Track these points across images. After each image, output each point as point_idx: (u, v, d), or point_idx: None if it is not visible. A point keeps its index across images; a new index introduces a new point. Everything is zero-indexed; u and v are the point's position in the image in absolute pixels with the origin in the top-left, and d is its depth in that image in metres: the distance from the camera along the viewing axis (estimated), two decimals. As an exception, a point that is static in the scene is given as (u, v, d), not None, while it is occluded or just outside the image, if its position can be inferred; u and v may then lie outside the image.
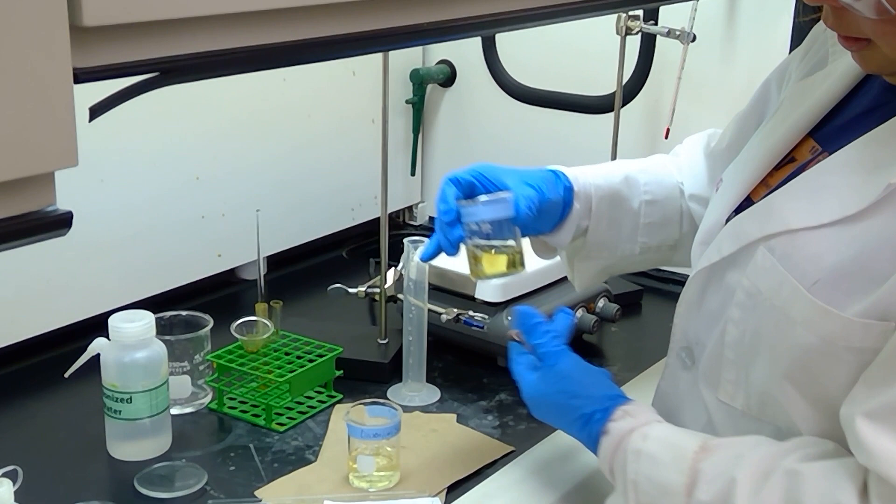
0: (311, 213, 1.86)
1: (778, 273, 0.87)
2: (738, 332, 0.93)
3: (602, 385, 1.05)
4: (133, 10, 0.58)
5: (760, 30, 1.64)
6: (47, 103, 0.55)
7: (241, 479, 1.19)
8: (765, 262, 0.89)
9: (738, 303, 0.92)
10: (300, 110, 1.79)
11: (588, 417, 1.01)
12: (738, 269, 0.93)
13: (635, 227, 1.19)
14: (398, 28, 0.75)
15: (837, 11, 0.83)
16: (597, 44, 1.75)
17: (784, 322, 0.87)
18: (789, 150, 0.96)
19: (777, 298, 0.87)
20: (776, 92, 1.11)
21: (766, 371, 0.90)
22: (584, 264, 1.20)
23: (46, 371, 1.38)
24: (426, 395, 1.39)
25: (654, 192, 1.19)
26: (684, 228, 1.21)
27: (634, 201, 1.18)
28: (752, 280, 0.90)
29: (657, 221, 1.19)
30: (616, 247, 1.19)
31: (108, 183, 1.50)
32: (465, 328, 1.45)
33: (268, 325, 1.37)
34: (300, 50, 0.70)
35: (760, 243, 0.90)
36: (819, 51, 1.03)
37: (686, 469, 0.90)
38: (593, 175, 1.17)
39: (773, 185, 0.96)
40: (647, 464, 0.94)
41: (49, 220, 0.58)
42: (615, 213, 1.17)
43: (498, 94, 1.92)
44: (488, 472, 1.21)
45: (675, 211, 1.21)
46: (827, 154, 0.92)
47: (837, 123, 0.94)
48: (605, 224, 1.17)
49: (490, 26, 0.84)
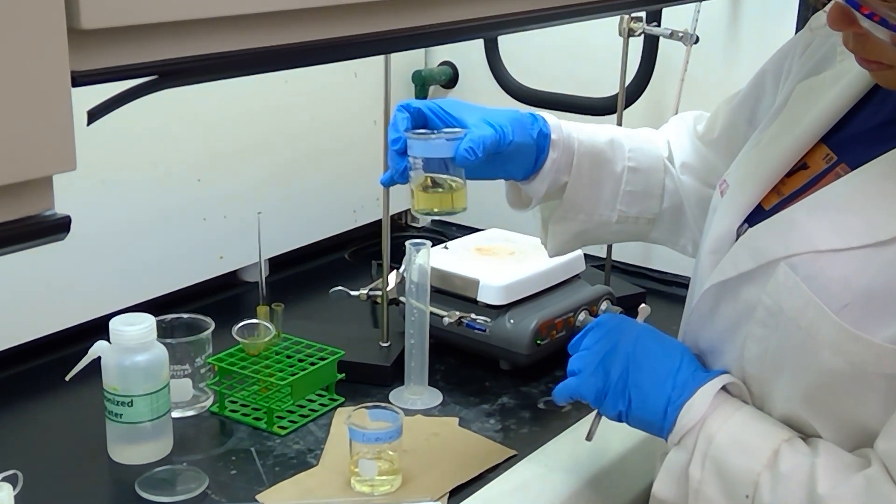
0: (313, 215, 1.85)
1: (802, 293, 0.85)
2: (759, 349, 0.91)
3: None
4: (131, 12, 0.57)
5: (763, 31, 1.64)
6: (45, 107, 0.55)
7: (243, 482, 1.18)
8: (787, 280, 0.87)
9: (759, 320, 0.90)
10: (302, 112, 1.79)
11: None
12: (757, 286, 0.91)
13: (615, 193, 1.16)
14: (400, 30, 0.75)
15: (860, 38, 0.82)
16: (599, 45, 1.74)
17: (809, 343, 0.85)
18: (801, 157, 0.94)
19: (802, 319, 0.85)
20: (772, 85, 1.08)
21: (789, 390, 0.88)
22: (558, 227, 1.17)
23: (47, 374, 1.38)
24: (428, 398, 1.38)
25: (639, 160, 1.17)
26: (665, 204, 1.19)
27: (618, 165, 1.16)
28: (774, 298, 0.88)
29: (639, 191, 1.17)
30: (594, 210, 1.16)
31: (110, 185, 1.50)
32: (467, 331, 1.44)
33: (269, 328, 1.37)
34: (300, 53, 0.69)
35: (781, 260, 0.88)
36: (822, 46, 1.00)
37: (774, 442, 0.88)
38: (577, 130, 1.14)
39: (786, 193, 0.94)
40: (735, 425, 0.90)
41: (47, 224, 0.58)
42: (596, 173, 1.14)
43: (500, 96, 1.92)
44: (491, 477, 1.20)
45: (658, 184, 1.18)
46: (844, 164, 0.90)
47: (852, 132, 0.92)
48: (586, 183, 1.14)
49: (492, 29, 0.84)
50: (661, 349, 0.99)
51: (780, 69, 1.08)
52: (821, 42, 1.01)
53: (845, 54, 0.95)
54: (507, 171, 1.11)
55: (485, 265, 1.50)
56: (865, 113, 0.92)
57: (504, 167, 1.09)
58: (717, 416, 0.92)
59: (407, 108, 1.06)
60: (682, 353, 0.98)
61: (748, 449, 0.89)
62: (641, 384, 0.97)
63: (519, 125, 1.07)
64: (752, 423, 0.90)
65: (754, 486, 0.87)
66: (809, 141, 0.94)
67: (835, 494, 0.82)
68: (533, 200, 1.13)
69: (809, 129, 0.94)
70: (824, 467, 0.84)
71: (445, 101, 1.08)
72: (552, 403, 1.38)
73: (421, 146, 1.04)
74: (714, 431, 0.91)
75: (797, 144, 0.94)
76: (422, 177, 1.05)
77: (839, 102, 0.93)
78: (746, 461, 0.88)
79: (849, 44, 0.84)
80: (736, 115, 1.14)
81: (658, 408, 0.95)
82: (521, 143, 1.07)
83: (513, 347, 1.42)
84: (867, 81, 0.92)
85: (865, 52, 0.83)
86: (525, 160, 1.10)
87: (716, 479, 0.90)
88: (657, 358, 0.98)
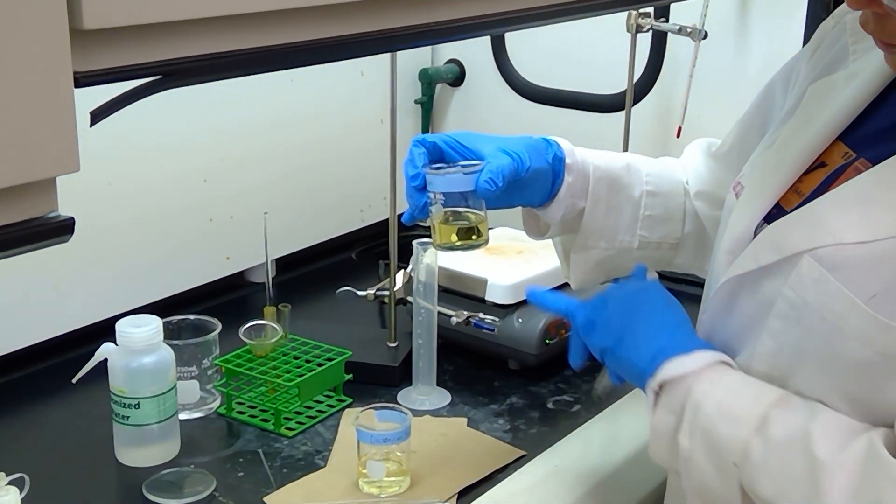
0: (320, 215, 1.85)
1: (830, 285, 0.84)
2: (775, 344, 0.89)
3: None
4: (134, 12, 0.57)
5: (773, 27, 1.63)
6: (48, 108, 0.54)
7: (250, 484, 1.18)
8: (812, 272, 0.85)
9: (780, 314, 0.88)
10: (308, 111, 1.78)
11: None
12: (779, 279, 0.88)
13: (635, 218, 1.15)
14: (405, 28, 0.75)
15: (880, 18, 0.81)
16: (607, 42, 1.73)
17: (835, 336, 0.83)
18: (818, 155, 0.93)
19: (828, 312, 0.84)
20: (781, 94, 1.08)
21: (810, 384, 0.87)
22: (579, 256, 1.16)
23: (54, 376, 1.38)
24: (436, 398, 1.37)
25: (657, 183, 1.17)
26: (686, 228, 1.18)
27: (636, 189, 1.15)
28: (798, 291, 0.86)
29: (659, 215, 1.16)
30: (614, 237, 1.15)
31: (116, 186, 1.50)
32: (475, 331, 1.44)
33: (276, 329, 1.37)
34: (305, 52, 0.69)
35: (805, 253, 0.86)
36: (831, 48, 1.00)
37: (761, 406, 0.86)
38: (593, 155, 1.14)
39: (805, 192, 0.92)
40: (721, 391, 0.89)
41: (51, 226, 0.58)
42: (614, 198, 1.14)
43: (507, 94, 1.91)
44: (499, 477, 1.19)
45: (678, 207, 1.18)
46: (864, 160, 0.88)
47: (871, 129, 0.91)
48: (603, 208, 1.13)
49: (499, 25, 0.83)
50: (666, 303, 0.99)
51: (788, 77, 1.07)
52: (830, 44, 1.01)
53: (858, 54, 0.94)
54: (524, 198, 1.11)
55: (493, 264, 1.49)
56: (884, 111, 0.91)
57: (521, 194, 1.09)
58: (703, 381, 0.90)
59: (423, 143, 1.06)
60: (685, 317, 0.98)
61: (735, 415, 0.87)
62: (635, 326, 0.97)
63: (534, 151, 1.08)
64: (740, 388, 0.89)
65: (743, 454, 0.86)
66: (827, 138, 0.92)
67: (837, 460, 0.81)
68: (551, 227, 1.14)
69: (826, 126, 0.93)
70: (823, 432, 0.82)
71: (460, 134, 1.08)
72: (561, 403, 1.38)
73: (442, 181, 1.03)
74: (700, 399, 0.89)
75: (814, 142, 0.93)
76: (442, 211, 1.05)
77: (855, 100, 0.92)
78: (733, 428, 0.87)
79: (868, 25, 0.83)
80: (747, 126, 1.14)
81: (646, 353, 0.94)
82: (537, 169, 1.07)
83: (521, 347, 1.42)
84: (883, 79, 0.91)
85: (885, 34, 0.82)
86: (542, 186, 1.10)
87: (704, 448, 0.89)
88: (659, 308, 0.98)
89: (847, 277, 0.83)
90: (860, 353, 0.82)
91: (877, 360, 0.81)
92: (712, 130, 1.28)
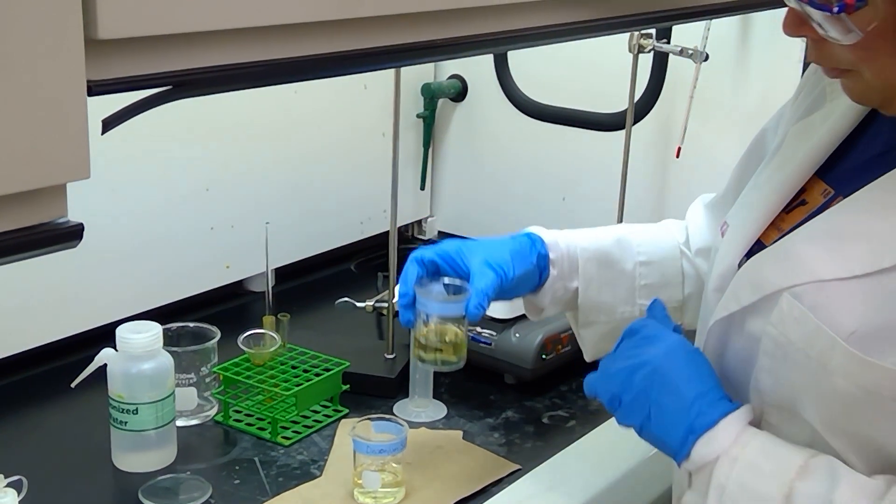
0: (321, 226, 1.86)
1: (810, 323, 0.84)
2: (771, 380, 0.90)
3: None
4: (148, 23, 0.58)
5: (773, 50, 1.64)
6: (61, 116, 0.55)
7: (246, 492, 1.18)
8: (792, 310, 0.86)
9: (767, 351, 0.89)
10: (311, 123, 1.79)
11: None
12: (761, 317, 0.89)
13: (632, 289, 1.17)
14: (410, 44, 0.75)
15: (817, 44, 0.83)
16: (609, 61, 1.74)
17: (820, 373, 0.84)
18: (798, 192, 0.94)
19: (811, 349, 0.84)
20: (772, 139, 1.09)
21: (809, 417, 0.87)
22: (586, 331, 1.20)
23: (53, 381, 1.38)
24: (432, 411, 1.38)
25: (649, 252, 1.18)
26: (687, 290, 1.19)
27: (628, 263, 1.17)
28: (780, 329, 0.87)
29: (655, 283, 1.18)
30: (613, 310, 1.17)
31: (119, 193, 1.51)
32: (472, 344, 1.43)
33: (275, 338, 1.37)
34: (312, 65, 0.70)
35: (784, 291, 0.87)
36: (812, 92, 1.02)
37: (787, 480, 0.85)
38: (581, 238, 1.17)
39: (785, 228, 0.93)
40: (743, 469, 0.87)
41: (60, 231, 0.58)
42: (607, 273, 1.16)
43: (509, 110, 1.92)
44: (494, 491, 1.20)
45: (675, 272, 1.19)
46: (841, 197, 0.89)
47: (849, 166, 0.92)
48: (596, 286, 1.16)
49: (502, 44, 0.84)
50: (691, 369, 0.94)
51: (778, 123, 1.09)
52: (811, 87, 1.02)
53: (835, 94, 0.95)
54: (514, 294, 1.16)
55: (491, 279, 1.49)
56: (860, 146, 0.92)
57: (510, 293, 1.14)
58: (723, 465, 0.88)
59: (421, 261, 1.12)
60: (710, 375, 0.94)
61: (760, 495, 0.86)
62: (664, 404, 0.93)
63: (519, 257, 1.12)
64: (762, 461, 0.87)
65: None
66: (805, 174, 0.94)
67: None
68: (544, 310, 1.18)
69: (803, 164, 0.94)
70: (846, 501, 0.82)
71: (451, 247, 1.14)
72: (556, 418, 1.39)
73: (436, 306, 1.11)
74: (724, 481, 0.88)
75: (793, 178, 0.94)
76: (425, 330, 1.12)
77: (831, 136, 0.93)
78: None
79: (811, 55, 0.85)
80: (740, 172, 1.15)
81: (678, 432, 0.91)
82: (523, 273, 1.12)
83: (518, 361, 1.42)
84: (857, 114, 0.92)
85: (823, 59, 0.84)
86: (529, 282, 1.15)
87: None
88: (685, 378, 0.93)
89: (827, 315, 0.83)
90: (846, 389, 0.83)
91: (863, 397, 0.82)
92: (711, 151, 1.29)
